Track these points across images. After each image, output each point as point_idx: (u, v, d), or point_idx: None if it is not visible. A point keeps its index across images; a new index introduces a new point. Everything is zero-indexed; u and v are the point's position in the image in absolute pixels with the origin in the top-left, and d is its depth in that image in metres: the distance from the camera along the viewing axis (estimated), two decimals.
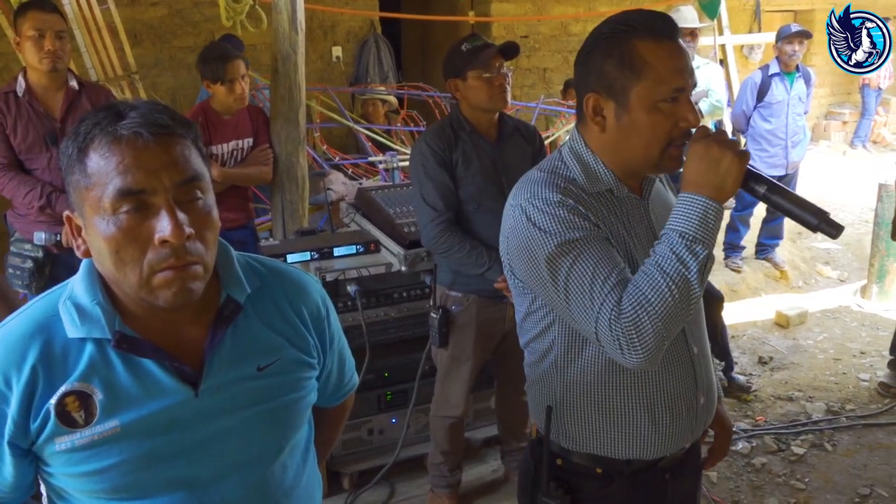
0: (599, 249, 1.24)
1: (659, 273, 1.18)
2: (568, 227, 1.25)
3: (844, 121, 10.40)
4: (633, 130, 1.27)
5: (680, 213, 1.20)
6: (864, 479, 3.01)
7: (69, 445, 0.99)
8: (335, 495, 2.79)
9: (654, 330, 1.17)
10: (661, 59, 1.23)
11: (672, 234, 1.20)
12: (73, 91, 2.89)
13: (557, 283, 1.25)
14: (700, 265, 1.17)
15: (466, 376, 2.58)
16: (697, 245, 1.18)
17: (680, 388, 1.37)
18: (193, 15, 6.35)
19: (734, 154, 1.18)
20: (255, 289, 1.12)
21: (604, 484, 1.43)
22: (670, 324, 1.18)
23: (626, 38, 1.25)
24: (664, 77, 1.23)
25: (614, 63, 1.26)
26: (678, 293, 1.17)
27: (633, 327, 1.17)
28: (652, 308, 1.17)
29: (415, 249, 2.65)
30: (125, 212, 0.95)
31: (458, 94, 2.44)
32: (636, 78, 1.24)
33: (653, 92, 1.23)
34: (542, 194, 1.29)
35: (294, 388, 1.13)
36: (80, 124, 0.99)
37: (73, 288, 1.05)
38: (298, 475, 1.18)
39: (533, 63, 7.78)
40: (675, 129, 1.25)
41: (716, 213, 1.19)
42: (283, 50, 3.30)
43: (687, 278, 1.17)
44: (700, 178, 1.19)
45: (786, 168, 5.06)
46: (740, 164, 1.18)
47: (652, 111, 1.24)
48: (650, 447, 1.39)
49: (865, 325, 4.55)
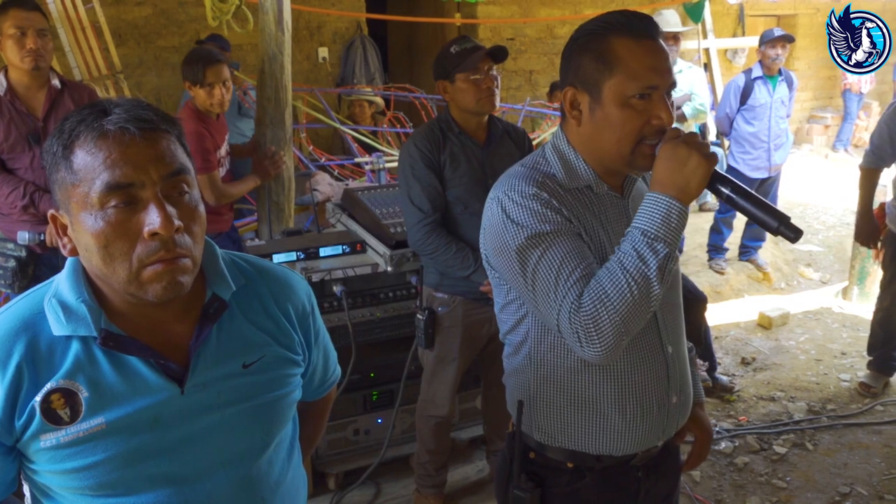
0: (568, 244, 1.27)
1: (620, 269, 1.20)
2: (540, 221, 1.28)
3: (827, 124, 10.52)
4: (606, 124, 1.29)
5: (644, 211, 1.23)
6: (844, 478, 3.05)
7: (54, 442, 0.99)
8: (321, 495, 2.79)
9: (611, 325, 1.20)
10: (634, 55, 1.25)
11: (635, 232, 1.22)
12: (55, 90, 2.87)
13: (526, 275, 1.29)
14: (660, 263, 1.19)
15: (452, 377, 2.59)
16: (658, 243, 1.20)
17: (652, 386, 1.39)
18: (178, 15, 6.32)
19: (700, 156, 1.19)
20: (240, 287, 1.13)
21: (574, 479, 1.44)
22: (629, 320, 1.20)
23: (603, 34, 1.28)
24: (636, 73, 1.25)
25: (590, 58, 1.29)
26: (637, 290, 1.19)
27: (591, 321, 1.20)
28: (611, 303, 1.19)
29: (401, 250, 2.66)
30: (113, 206, 0.96)
31: (446, 95, 2.45)
32: (609, 72, 1.27)
33: (624, 87, 1.26)
34: (518, 187, 1.32)
35: (279, 386, 1.14)
36: (65, 122, 0.99)
37: (58, 286, 1.05)
38: (284, 471, 1.19)
39: (519, 65, 7.82)
40: (647, 126, 1.26)
41: (679, 212, 1.21)
42: (270, 50, 3.29)
43: (647, 276, 1.19)
44: (666, 178, 1.22)
45: (768, 171, 5.11)
46: (706, 166, 1.20)
47: (623, 106, 1.26)
48: (620, 443, 1.40)
49: (846, 326, 4.60)
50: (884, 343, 3.74)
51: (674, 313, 1.43)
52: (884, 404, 3.63)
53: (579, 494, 1.46)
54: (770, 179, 5.18)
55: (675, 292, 1.44)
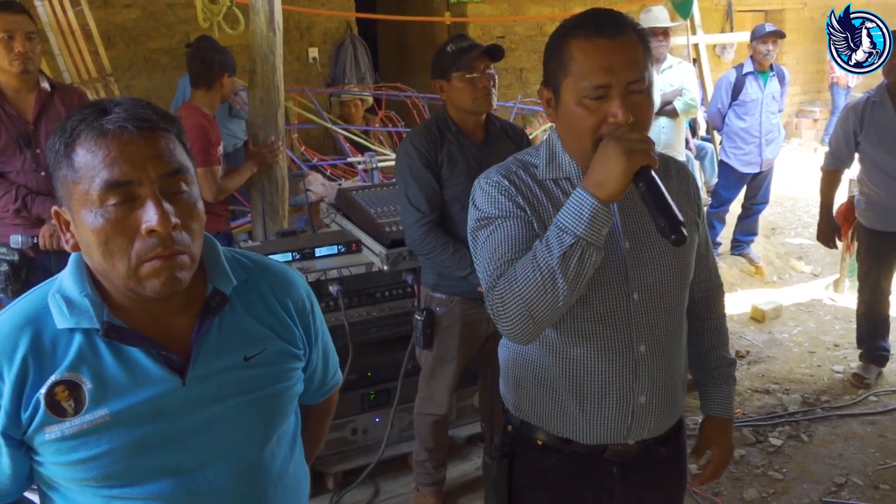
0: (511, 229, 1.33)
1: (531, 257, 1.25)
2: (492, 205, 1.36)
3: (815, 118, 10.59)
4: (566, 122, 1.33)
5: (566, 203, 1.25)
6: (839, 469, 3.07)
7: (59, 434, 1.01)
8: (319, 495, 2.79)
9: (516, 308, 1.25)
10: (586, 55, 1.26)
11: (553, 223, 1.26)
12: (45, 93, 2.85)
13: (475, 253, 1.39)
14: (563, 253, 1.20)
15: (451, 376, 2.60)
16: (566, 234, 1.21)
17: (613, 382, 1.38)
18: (167, 17, 6.30)
19: (621, 152, 1.18)
20: (241, 281, 1.15)
21: (543, 457, 1.48)
22: (533, 306, 1.24)
23: (563, 35, 1.31)
24: (586, 73, 1.26)
25: (552, 58, 1.33)
26: (540, 277, 1.22)
27: (500, 301, 1.28)
28: (517, 287, 1.25)
29: (396, 249, 2.66)
30: (112, 203, 0.98)
31: (443, 94, 2.45)
32: (564, 73, 1.30)
33: (576, 87, 1.28)
34: (489, 174, 1.41)
35: (280, 379, 1.16)
36: (66, 121, 1.01)
37: (61, 281, 1.07)
38: (286, 465, 1.20)
39: (509, 63, 7.82)
40: (604, 125, 1.27)
41: (591, 207, 1.20)
42: (262, 51, 3.28)
43: (551, 265, 1.21)
44: (590, 173, 1.23)
45: (760, 165, 5.14)
46: (625, 164, 1.18)
47: (577, 105, 1.28)
48: (579, 430, 1.42)
49: (838, 318, 4.63)
50: (871, 335, 3.78)
51: (660, 313, 1.40)
52: (877, 395, 3.66)
53: (546, 474, 1.49)
54: (762, 174, 5.21)
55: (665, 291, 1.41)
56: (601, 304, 1.36)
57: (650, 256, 1.39)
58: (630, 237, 1.38)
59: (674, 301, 1.44)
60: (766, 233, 6.05)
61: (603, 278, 1.34)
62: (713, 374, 1.64)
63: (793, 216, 7.03)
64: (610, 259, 1.35)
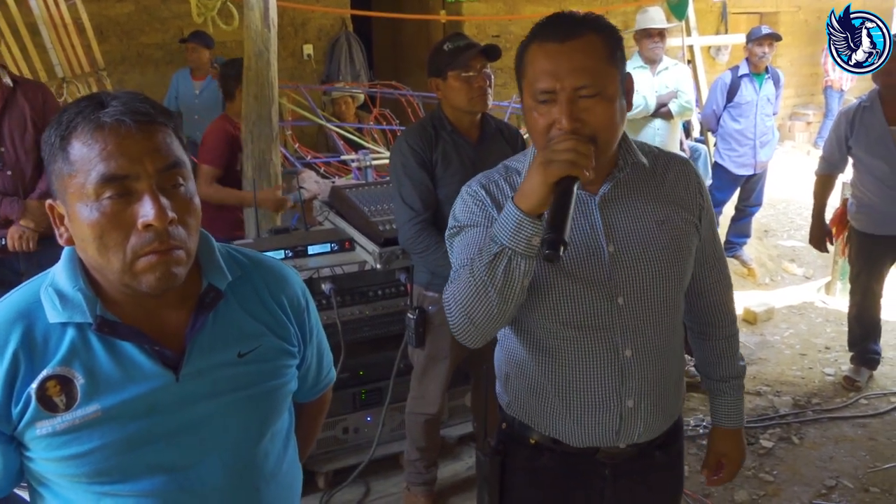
0: (475, 237, 1.35)
1: (469, 263, 1.29)
2: (465, 215, 1.40)
3: (808, 121, 10.63)
4: (527, 126, 1.34)
5: (501, 213, 1.26)
6: (830, 472, 3.08)
7: (50, 430, 1.00)
8: (310, 494, 2.77)
9: (457, 311, 1.29)
10: (534, 61, 1.27)
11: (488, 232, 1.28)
12: (6, 88, 2.80)
13: (451, 260, 1.42)
14: (490, 260, 1.22)
15: (443, 375, 2.59)
16: (493, 244, 1.23)
17: (598, 386, 1.38)
18: (161, 11, 6.27)
19: (538, 164, 1.18)
20: (236, 277, 1.15)
21: (535, 455, 1.48)
22: (470, 312, 1.27)
23: (527, 39, 1.32)
24: (533, 78, 1.27)
25: (517, 63, 1.35)
26: (473, 284, 1.25)
27: (446, 304, 1.33)
28: (458, 292, 1.29)
29: (390, 247, 2.64)
30: (108, 197, 0.97)
31: (439, 93, 2.44)
32: (521, 76, 1.32)
33: (529, 91, 1.29)
34: (471, 184, 1.43)
35: (274, 375, 1.15)
36: (63, 113, 1.01)
37: (54, 275, 1.06)
38: (279, 462, 1.20)
39: (504, 62, 7.70)
40: (554, 130, 1.26)
41: (515, 217, 1.20)
42: (256, 47, 3.27)
43: (481, 272, 1.24)
44: (521, 183, 1.24)
45: (754, 168, 5.15)
46: (541, 175, 1.18)
47: (530, 110, 1.30)
48: (567, 431, 1.42)
49: (830, 321, 4.65)
50: (862, 338, 3.80)
51: (647, 318, 1.38)
52: (868, 398, 3.67)
53: (538, 473, 1.49)
54: (756, 176, 5.21)
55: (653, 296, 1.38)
56: (583, 308, 1.34)
57: (638, 259, 1.36)
58: (614, 241, 1.35)
59: (665, 305, 1.40)
60: (759, 235, 6.06)
61: (584, 282, 1.33)
62: (721, 386, 1.62)
63: (785, 218, 7.05)
64: (591, 263, 1.34)
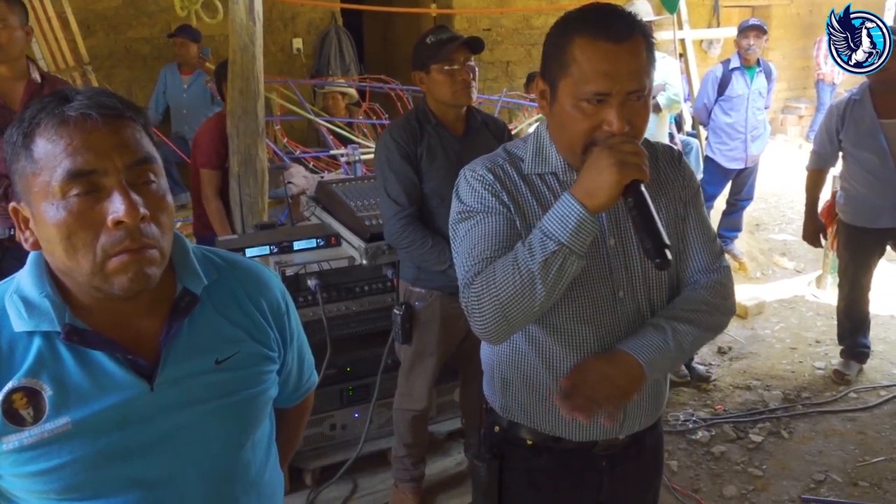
0: (493, 226, 1.31)
1: (512, 259, 1.23)
2: (475, 200, 1.34)
3: (800, 115, 10.62)
4: (560, 120, 1.30)
5: (552, 208, 1.23)
6: (819, 466, 3.08)
7: (17, 445, 0.95)
8: (297, 491, 2.76)
9: (491, 308, 1.24)
10: (589, 59, 1.22)
11: (537, 227, 1.24)
12: (34, 84, 2.80)
13: (455, 246, 1.38)
14: (545, 258, 1.19)
15: (430, 371, 2.57)
16: (549, 241, 1.19)
17: None
18: (148, 5, 6.21)
19: (613, 164, 1.16)
20: (212, 281, 1.10)
21: (532, 456, 1.47)
22: (509, 308, 1.23)
23: (567, 30, 1.26)
24: (587, 78, 1.22)
25: (553, 53, 1.28)
26: (520, 280, 1.21)
27: (476, 299, 1.26)
28: (495, 287, 1.23)
29: (376, 243, 2.62)
30: (76, 195, 0.93)
31: (423, 87, 2.42)
32: (563, 72, 1.26)
33: (575, 90, 1.24)
34: (475, 167, 1.38)
35: (254, 383, 1.11)
36: (25, 111, 0.96)
37: (19, 282, 1.01)
38: (261, 472, 1.15)
39: (496, 56, 7.78)
40: (598, 130, 1.24)
41: (578, 216, 1.18)
42: (241, 41, 3.23)
43: (531, 269, 1.20)
44: (580, 181, 1.21)
45: (745, 161, 5.14)
46: (617, 176, 1.16)
47: (574, 108, 1.25)
48: (571, 428, 1.41)
49: (820, 315, 4.65)
50: (851, 332, 3.80)
51: (643, 310, 1.39)
52: (857, 391, 3.67)
53: (536, 476, 1.47)
54: (747, 170, 5.21)
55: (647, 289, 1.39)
56: (588, 303, 1.34)
57: (633, 254, 1.37)
58: (615, 234, 1.36)
59: (657, 297, 1.42)
60: (750, 229, 6.06)
61: (588, 277, 1.33)
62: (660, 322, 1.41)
63: (777, 212, 7.04)
64: (595, 257, 1.33)
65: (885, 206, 3.47)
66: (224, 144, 3.41)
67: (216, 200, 3.51)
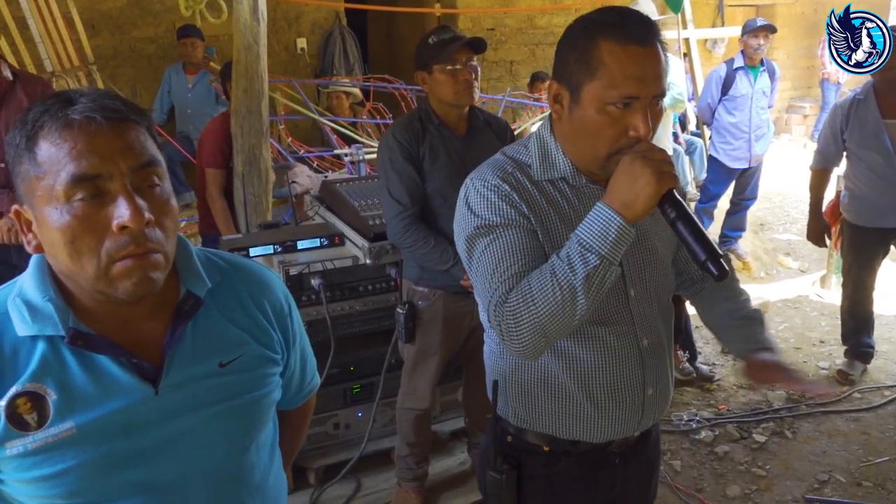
0: (515, 239, 1.28)
1: (550, 274, 1.20)
2: (493, 212, 1.30)
3: (805, 114, 10.58)
4: (582, 126, 1.27)
5: (587, 219, 1.21)
6: (822, 466, 3.07)
7: (21, 450, 0.95)
8: (301, 490, 2.76)
9: (530, 326, 1.20)
10: (618, 62, 1.21)
11: (573, 239, 1.21)
12: (6, 81, 2.78)
13: (472, 262, 1.32)
14: (588, 273, 1.17)
15: (433, 370, 2.57)
16: (590, 254, 1.17)
17: (624, 377, 1.38)
18: (153, 5, 6.22)
19: (651, 174, 1.15)
20: (215, 283, 1.09)
21: (550, 463, 1.46)
22: (549, 324, 1.20)
23: (592, 33, 1.24)
24: (617, 81, 1.21)
25: (575, 56, 1.26)
26: (561, 296, 1.18)
27: (512, 318, 1.22)
28: (533, 304, 1.20)
29: (379, 242, 2.63)
30: (80, 199, 0.92)
31: (425, 87, 2.42)
32: (590, 76, 1.23)
33: (602, 94, 1.22)
34: (484, 176, 1.33)
35: (258, 385, 1.10)
36: (28, 112, 0.95)
37: (22, 285, 1.00)
38: (265, 475, 1.15)
39: (500, 56, 7.78)
40: (623, 135, 1.23)
41: (618, 227, 1.17)
42: (245, 40, 3.24)
43: (573, 284, 1.17)
44: (615, 191, 1.19)
45: (749, 161, 5.13)
46: (655, 186, 1.15)
47: (600, 112, 1.23)
48: (593, 430, 1.41)
49: (825, 315, 4.64)
50: (855, 332, 3.80)
51: (652, 306, 1.42)
52: (861, 392, 3.66)
53: (554, 480, 1.46)
54: (751, 170, 5.20)
55: (654, 284, 1.42)
56: (605, 304, 1.34)
57: (640, 252, 1.39)
58: None
59: (665, 288, 1.45)
60: (755, 228, 6.05)
61: None
62: (736, 322, 1.51)
63: (781, 212, 7.03)
64: None
65: (889, 205, 3.47)
66: (229, 144, 3.43)
67: (221, 200, 3.52)
